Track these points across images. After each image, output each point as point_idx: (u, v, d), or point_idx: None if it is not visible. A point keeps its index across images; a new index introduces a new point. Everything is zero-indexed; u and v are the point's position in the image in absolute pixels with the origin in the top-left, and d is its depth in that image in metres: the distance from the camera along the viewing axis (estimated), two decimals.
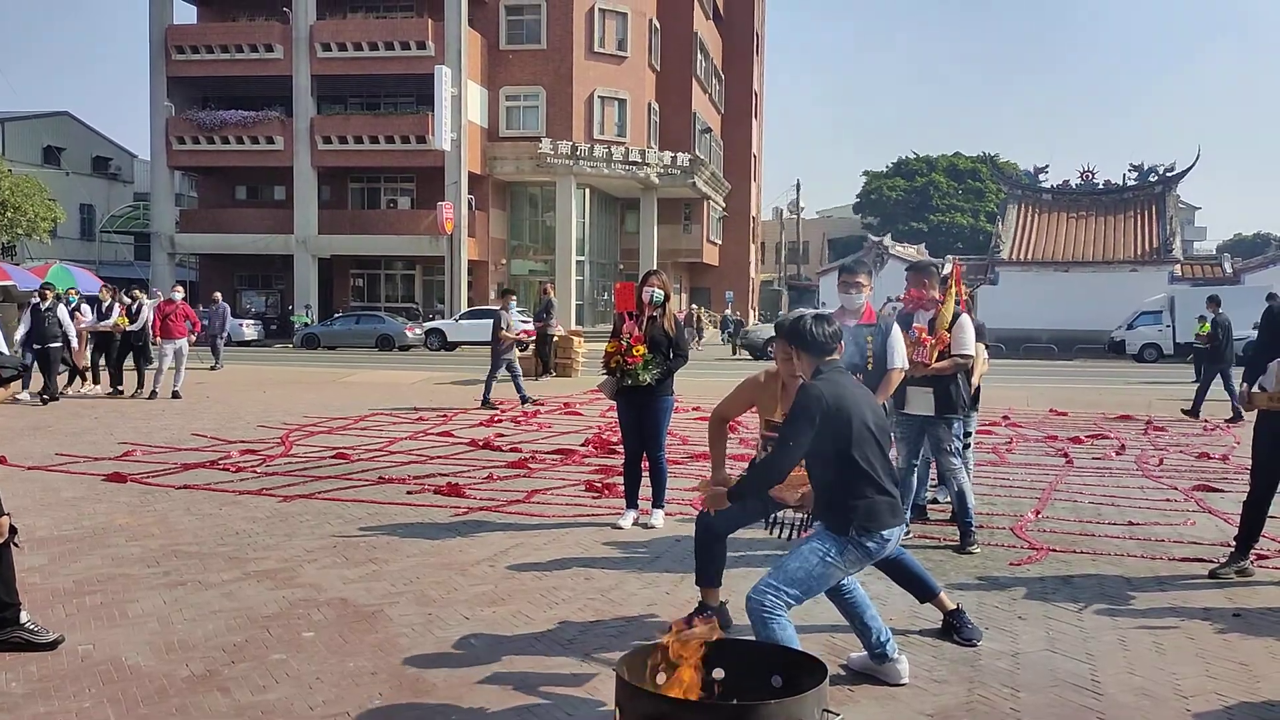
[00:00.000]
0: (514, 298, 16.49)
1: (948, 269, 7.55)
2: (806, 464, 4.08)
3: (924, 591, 4.70)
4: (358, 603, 5.32)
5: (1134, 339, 33.49)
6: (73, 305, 16.26)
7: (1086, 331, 35.58)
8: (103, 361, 16.92)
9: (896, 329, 6.12)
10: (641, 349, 6.88)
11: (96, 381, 16.89)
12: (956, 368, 6.47)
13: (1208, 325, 21.24)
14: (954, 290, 6.68)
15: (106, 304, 16.80)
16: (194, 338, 17.11)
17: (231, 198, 44.73)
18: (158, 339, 16.42)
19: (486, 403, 15.03)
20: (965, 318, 6.60)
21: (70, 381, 16.14)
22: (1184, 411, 14.76)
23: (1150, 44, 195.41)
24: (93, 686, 4.16)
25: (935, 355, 6.39)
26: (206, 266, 44.70)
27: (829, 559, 3.92)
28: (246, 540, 6.66)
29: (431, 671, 4.35)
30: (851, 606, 4.27)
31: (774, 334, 4.87)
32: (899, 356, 6.01)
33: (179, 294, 17.18)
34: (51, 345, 14.72)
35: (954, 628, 4.79)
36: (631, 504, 7.24)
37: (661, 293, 7.04)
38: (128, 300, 17.07)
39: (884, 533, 3.95)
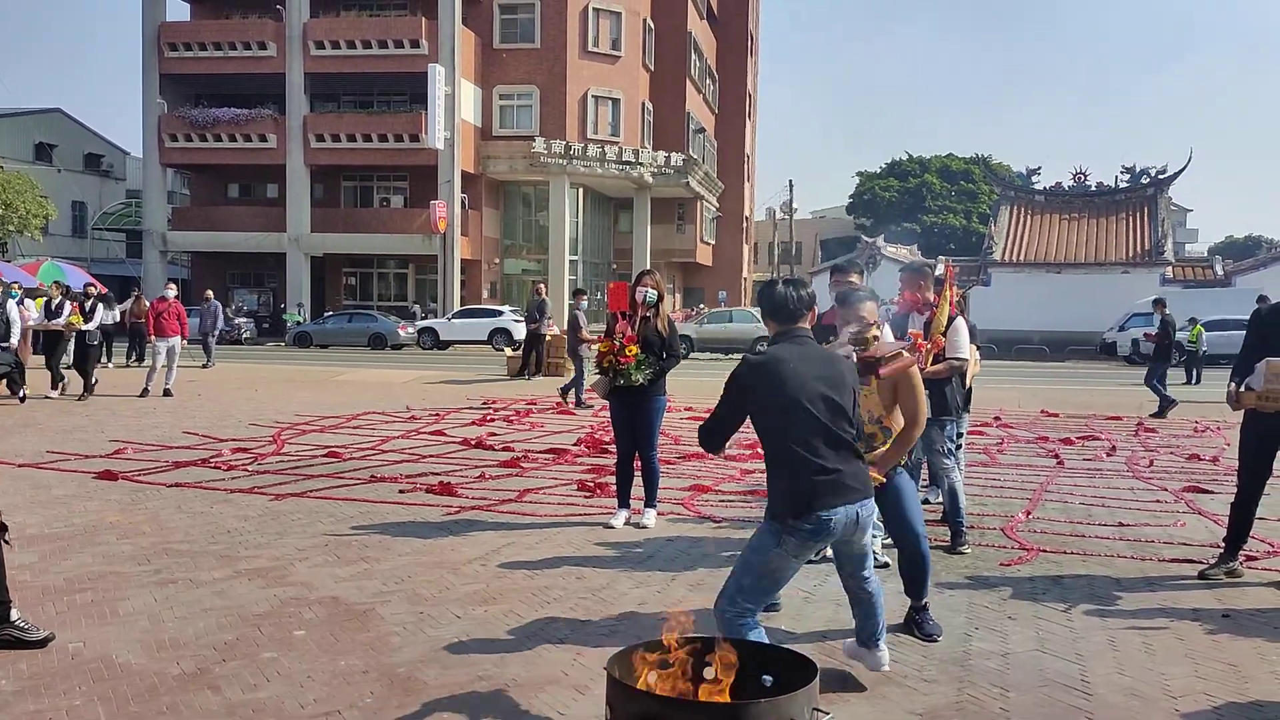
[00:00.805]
0: (584, 297, 16.64)
1: (940, 270, 7.57)
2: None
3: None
4: (349, 601, 5.32)
5: (1125, 340, 33.57)
6: (16, 299, 15.23)
7: (1078, 333, 35.64)
8: (67, 361, 16.31)
9: (887, 330, 6.14)
10: (634, 349, 6.89)
11: (54, 386, 15.62)
12: (952, 371, 6.50)
13: (1199, 329, 21.35)
14: (948, 293, 6.70)
15: (56, 302, 16.47)
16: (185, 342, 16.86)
17: (224, 195, 44.64)
18: (152, 337, 16.36)
19: (580, 404, 15.01)
20: (960, 321, 6.62)
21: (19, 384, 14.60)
22: (1152, 415, 14.83)
23: (1143, 45, 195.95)
24: (83, 684, 4.15)
25: (930, 359, 6.41)
26: (199, 264, 44.62)
27: (771, 553, 3.75)
28: (238, 538, 6.65)
29: (423, 670, 4.35)
30: (865, 599, 4.16)
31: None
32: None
33: (172, 292, 17.13)
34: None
35: (916, 623, 4.88)
36: (623, 504, 7.24)
37: (655, 293, 7.05)
38: (84, 298, 16.85)
39: (822, 514, 3.68)
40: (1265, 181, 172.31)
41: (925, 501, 7.66)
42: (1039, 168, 45.07)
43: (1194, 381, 21.99)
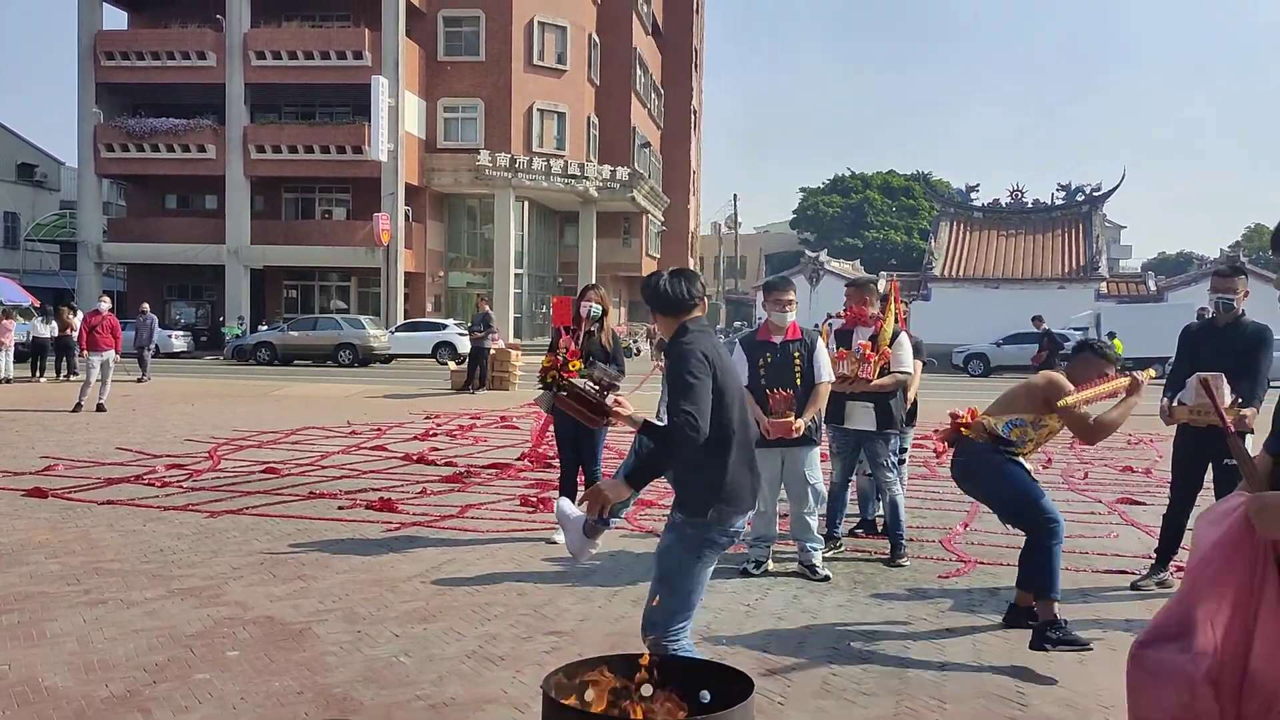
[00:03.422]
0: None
1: (883, 285, 7.68)
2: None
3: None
4: (284, 621, 5.23)
5: (1062, 355, 34.19)
6: None
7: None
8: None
9: (822, 344, 6.22)
10: (577, 364, 6.86)
11: None
12: (897, 384, 6.61)
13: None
14: (894, 307, 6.80)
15: None
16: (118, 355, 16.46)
17: (161, 207, 43.84)
18: (84, 351, 16.01)
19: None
20: (904, 335, 6.75)
21: None
22: None
23: (1077, 66, 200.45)
24: (8, 708, 4.04)
25: (878, 371, 6.50)
26: (135, 277, 43.73)
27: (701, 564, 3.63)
28: (171, 557, 6.52)
29: (359, 691, 4.29)
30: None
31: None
32: (826, 370, 6.12)
33: (105, 304, 16.78)
34: None
35: None
36: None
37: (599, 308, 7.04)
38: None
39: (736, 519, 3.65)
40: (1196, 200, 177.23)
41: (862, 519, 7.71)
42: (977, 185, 45.97)
43: None
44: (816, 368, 6.06)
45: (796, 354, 6.03)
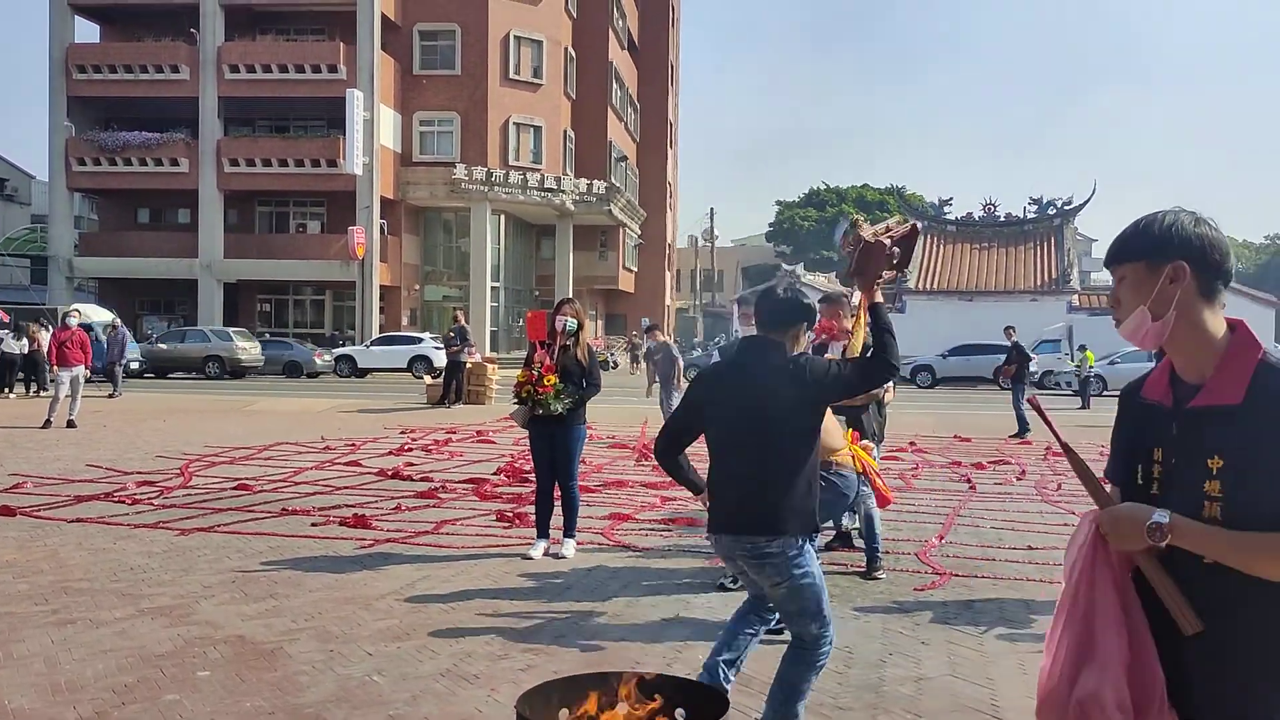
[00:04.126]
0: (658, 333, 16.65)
1: (856, 299, 7.69)
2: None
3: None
4: (256, 640, 5.17)
5: (1034, 367, 34.41)
6: None
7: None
8: None
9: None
10: (553, 378, 6.85)
11: None
12: (870, 399, 6.62)
13: (1091, 355, 22.42)
14: (864, 320, 6.81)
15: None
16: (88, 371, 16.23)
17: (134, 220, 43.55)
18: (54, 367, 15.84)
19: None
20: None
21: None
22: (1012, 436, 15.39)
23: (1048, 82, 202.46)
24: None
25: None
26: (106, 291, 43.36)
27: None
28: (141, 576, 6.43)
29: (331, 711, 4.24)
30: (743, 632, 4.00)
31: None
32: None
33: (74, 320, 16.60)
34: None
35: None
36: (543, 534, 7.17)
37: (575, 322, 7.02)
38: None
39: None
40: None
41: (838, 532, 7.71)
42: (951, 199, 46.22)
43: (1084, 406, 22.81)
44: None
45: None
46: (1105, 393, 25.34)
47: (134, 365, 27.73)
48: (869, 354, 3.83)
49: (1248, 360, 1.79)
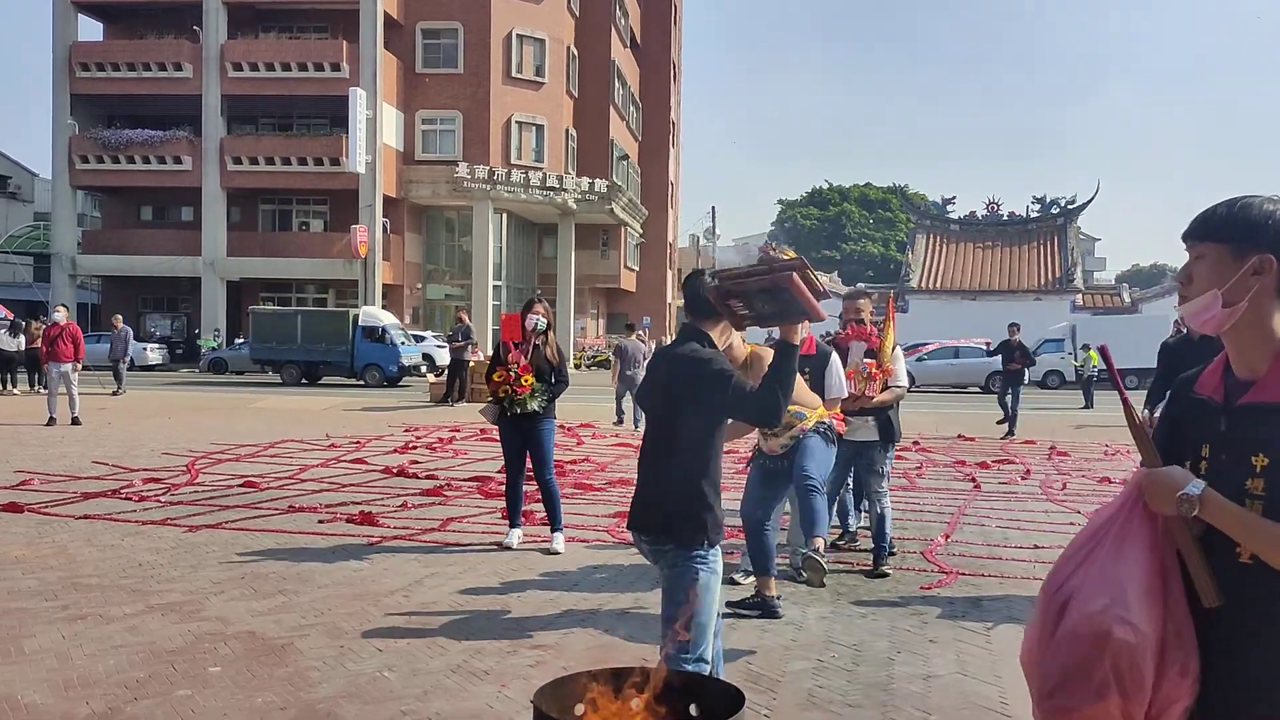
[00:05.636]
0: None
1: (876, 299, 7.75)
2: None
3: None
4: (266, 636, 5.19)
5: (1038, 366, 34.42)
6: None
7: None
8: None
9: (835, 358, 6.24)
10: (529, 379, 7.08)
11: None
12: (896, 398, 6.69)
13: (1094, 354, 22.50)
14: (893, 322, 6.88)
15: None
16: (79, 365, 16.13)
17: (136, 218, 43.53)
18: (46, 364, 15.89)
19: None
20: (899, 350, 6.83)
21: None
22: (1000, 433, 15.66)
23: (1053, 81, 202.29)
24: None
25: (881, 387, 6.57)
26: (109, 289, 43.42)
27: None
28: (150, 572, 6.45)
29: (343, 707, 4.25)
30: None
31: None
32: (840, 387, 6.14)
33: (60, 315, 16.54)
34: None
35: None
36: (515, 523, 7.48)
37: (545, 320, 7.28)
38: None
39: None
40: (1170, 212, 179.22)
41: (844, 531, 7.72)
42: (954, 197, 46.26)
43: (1088, 405, 22.82)
44: (829, 385, 6.06)
45: (805, 370, 5.74)
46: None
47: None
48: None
49: None
